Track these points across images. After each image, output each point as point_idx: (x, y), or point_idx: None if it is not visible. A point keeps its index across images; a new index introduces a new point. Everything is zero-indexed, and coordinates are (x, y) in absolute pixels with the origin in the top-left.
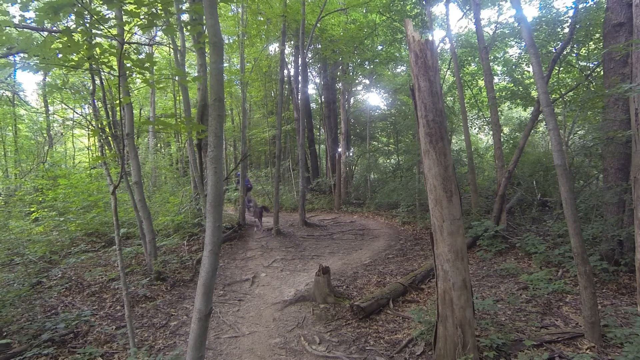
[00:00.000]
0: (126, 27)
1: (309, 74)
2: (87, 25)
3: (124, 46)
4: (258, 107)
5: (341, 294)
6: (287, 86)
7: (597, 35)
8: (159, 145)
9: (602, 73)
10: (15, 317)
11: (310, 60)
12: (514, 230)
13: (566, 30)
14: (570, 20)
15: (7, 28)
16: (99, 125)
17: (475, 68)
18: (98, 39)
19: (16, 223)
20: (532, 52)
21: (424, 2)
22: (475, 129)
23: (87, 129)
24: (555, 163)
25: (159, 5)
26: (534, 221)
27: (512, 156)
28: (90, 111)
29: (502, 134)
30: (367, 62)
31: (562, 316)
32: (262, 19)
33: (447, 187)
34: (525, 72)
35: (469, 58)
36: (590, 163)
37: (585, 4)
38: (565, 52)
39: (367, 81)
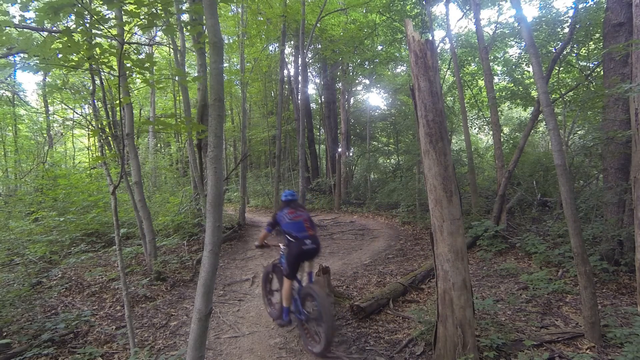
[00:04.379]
0: (126, 27)
1: (309, 74)
2: (87, 25)
3: (124, 46)
4: (258, 107)
5: (341, 294)
6: (287, 86)
7: (597, 35)
8: (159, 145)
9: (602, 73)
10: (15, 317)
11: (310, 60)
12: (514, 230)
13: (566, 30)
14: (570, 20)
15: (7, 28)
16: (99, 125)
17: (475, 68)
18: (98, 39)
19: (16, 223)
20: (532, 52)
21: (424, 2)
22: (475, 129)
23: (87, 129)
24: (555, 163)
25: (159, 5)
26: (534, 221)
27: (512, 156)
28: (90, 111)
29: (502, 134)
30: (367, 62)
31: (562, 316)
32: (262, 19)
33: (447, 187)
34: (525, 72)
35: (469, 58)
36: (590, 163)
37: (585, 4)
38: (565, 52)
39: (367, 81)
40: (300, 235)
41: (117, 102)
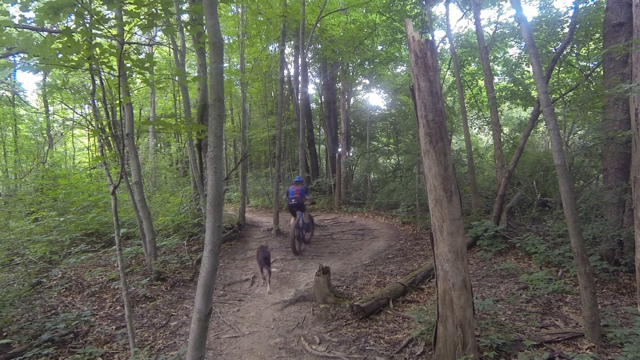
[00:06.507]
0: (126, 27)
1: (309, 74)
2: (87, 25)
3: (124, 46)
4: (258, 107)
5: (341, 294)
6: (287, 86)
7: (597, 35)
8: (159, 145)
9: (602, 73)
10: (15, 317)
11: (310, 60)
12: (514, 230)
13: (566, 30)
14: (570, 20)
15: (7, 28)
16: (99, 125)
17: (475, 68)
18: (98, 39)
19: (16, 223)
20: (532, 52)
21: (424, 2)
22: (475, 129)
23: (87, 129)
24: (556, 163)
25: (159, 5)
26: (534, 221)
27: (512, 156)
28: (90, 111)
29: (502, 134)
30: (367, 62)
31: (562, 316)
32: (262, 19)
33: (447, 187)
34: (525, 72)
35: (469, 58)
36: (590, 163)
37: (585, 4)
38: (565, 52)
39: (367, 81)
40: (290, 197)
41: (117, 102)
